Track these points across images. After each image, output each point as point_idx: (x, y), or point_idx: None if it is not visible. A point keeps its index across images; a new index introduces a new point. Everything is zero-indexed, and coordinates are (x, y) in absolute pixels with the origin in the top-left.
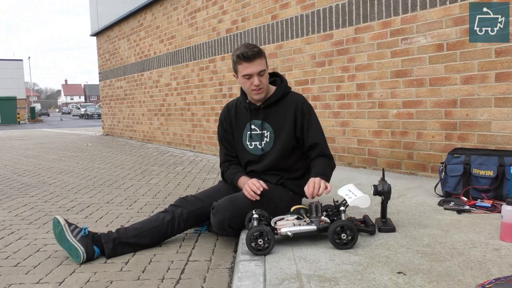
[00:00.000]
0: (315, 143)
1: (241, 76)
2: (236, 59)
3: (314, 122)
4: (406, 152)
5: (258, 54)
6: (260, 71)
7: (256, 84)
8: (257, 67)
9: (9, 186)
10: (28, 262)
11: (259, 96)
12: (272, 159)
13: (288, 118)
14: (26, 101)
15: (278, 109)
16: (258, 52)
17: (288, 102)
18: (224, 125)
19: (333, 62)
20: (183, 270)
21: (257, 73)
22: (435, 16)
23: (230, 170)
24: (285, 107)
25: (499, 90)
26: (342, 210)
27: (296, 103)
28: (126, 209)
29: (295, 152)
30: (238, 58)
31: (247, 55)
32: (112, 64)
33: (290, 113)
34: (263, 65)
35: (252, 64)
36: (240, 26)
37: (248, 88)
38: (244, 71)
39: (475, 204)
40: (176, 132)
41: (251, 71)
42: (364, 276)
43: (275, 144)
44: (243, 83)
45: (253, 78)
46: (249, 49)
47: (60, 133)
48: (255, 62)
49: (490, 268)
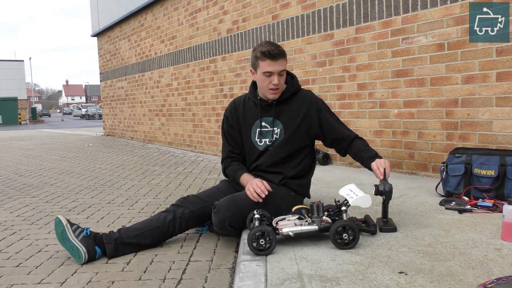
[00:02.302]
0: (346, 134)
1: (262, 72)
2: (260, 55)
3: (332, 114)
4: (407, 152)
5: (283, 54)
6: (281, 71)
7: (275, 83)
8: (280, 66)
9: (11, 187)
10: (29, 263)
11: (274, 96)
12: (279, 154)
13: (299, 115)
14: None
15: (289, 106)
16: (283, 52)
17: (299, 99)
18: (230, 121)
19: (334, 62)
20: (184, 270)
21: (278, 72)
22: (435, 16)
23: (232, 167)
24: (297, 104)
25: (500, 89)
26: (343, 210)
27: (308, 100)
28: (128, 209)
29: (304, 149)
30: (263, 55)
31: (273, 53)
32: (113, 64)
33: (301, 110)
34: (285, 65)
35: (276, 63)
36: (241, 26)
37: (266, 86)
38: (266, 68)
39: (476, 204)
40: (177, 133)
41: (274, 69)
42: (366, 276)
43: (284, 141)
44: (262, 80)
45: (273, 76)
46: (275, 48)
47: (61, 134)
48: (279, 62)
49: (492, 267)
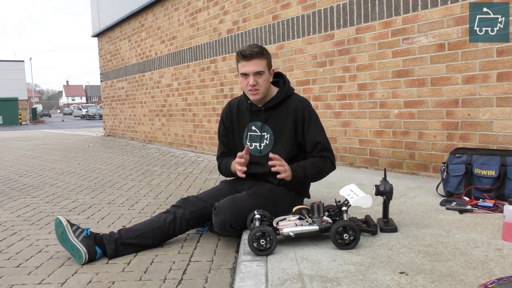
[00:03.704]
0: (316, 143)
1: (240, 74)
2: (236, 56)
3: (314, 125)
4: (407, 152)
5: (257, 54)
6: (257, 72)
7: (251, 84)
8: (254, 67)
9: (11, 187)
10: (30, 263)
11: (254, 97)
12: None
13: (288, 122)
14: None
15: (279, 112)
16: (258, 52)
17: (290, 106)
18: (225, 123)
19: (334, 62)
20: (185, 271)
21: (253, 73)
22: (436, 16)
23: (224, 161)
24: (286, 111)
25: (500, 89)
26: (344, 210)
27: (297, 107)
28: (128, 209)
29: (297, 157)
30: (238, 56)
31: (245, 53)
32: (114, 65)
33: (290, 117)
34: (262, 66)
35: (249, 64)
36: (241, 26)
37: (245, 87)
38: (241, 69)
39: (477, 204)
40: (177, 133)
41: (247, 70)
42: (366, 276)
43: (275, 148)
44: (241, 82)
45: (249, 77)
46: (249, 48)
47: (62, 134)
48: (252, 62)
49: (493, 268)
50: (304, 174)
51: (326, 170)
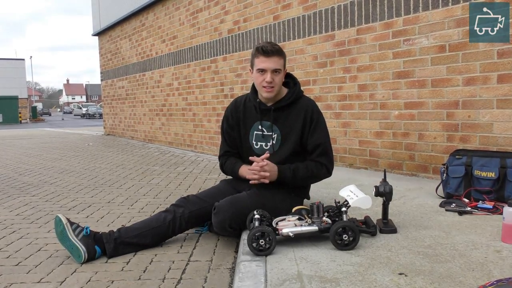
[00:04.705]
0: (317, 145)
1: (256, 70)
2: (254, 51)
3: (320, 128)
4: (407, 153)
5: (277, 52)
6: (275, 69)
7: (267, 80)
8: (273, 64)
9: (11, 185)
10: (29, 262)
11: (268, 94)
12: (277, 159)
13: (297, 124)
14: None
15: (288, 113)
16: (278, 50)
17: (299, 108)
18: (230, 120)
19: (335, 63)
20: (184, 270)
21: (271, 70)
22: (437, 17)
23: (230, 161)
24: (296, 112)
25: (501, 91)
26: (343, 211)
27: (306, 110)
28: (127, 209)
29: (300, 157)
30: (257, 51)
31: (266, 49)
32: (114, 64)
33: (300, 119)
34: (280, 65)
35: (269, 60)
36: (242, 26)
37: (260, 83)
38: (259, 65)
39: (476, 206)
40: (177, 132)
41: (266, 66)
42: (365, 277)
43: (282, 149)
44: (256, 77)
45: (266, 74)
46: (270, 45)
47: (62, 133)
48: (272, 59)
49: (492, 269)
50: (292, 175)
51: (319, 176)
